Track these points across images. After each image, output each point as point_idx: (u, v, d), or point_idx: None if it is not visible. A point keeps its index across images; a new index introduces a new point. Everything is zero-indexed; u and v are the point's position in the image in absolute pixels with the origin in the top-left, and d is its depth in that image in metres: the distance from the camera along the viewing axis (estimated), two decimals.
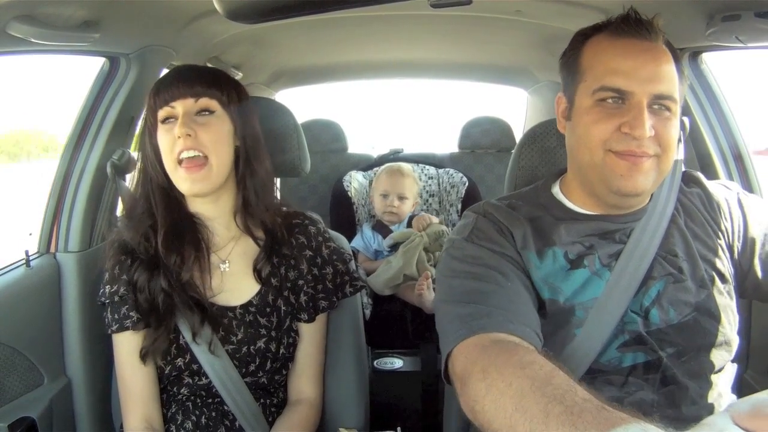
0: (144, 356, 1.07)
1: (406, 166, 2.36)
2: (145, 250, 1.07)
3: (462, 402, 0.73)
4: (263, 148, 1.12)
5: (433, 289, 1.93)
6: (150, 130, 1.08)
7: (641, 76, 0.88)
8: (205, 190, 1.06)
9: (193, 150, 1.03)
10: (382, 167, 2.39)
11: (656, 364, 0.90)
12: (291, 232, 1.15)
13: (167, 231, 1.07)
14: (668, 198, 0.98)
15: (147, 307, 1.06)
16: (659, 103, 0.89)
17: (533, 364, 0.67)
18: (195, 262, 1.08)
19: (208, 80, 1.06)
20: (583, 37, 0.96)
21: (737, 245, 0.99)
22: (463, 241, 0.95)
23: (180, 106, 1.04)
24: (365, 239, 2.27)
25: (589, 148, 0.91)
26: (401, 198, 2.26)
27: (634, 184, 0.90)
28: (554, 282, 0.93)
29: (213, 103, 1.05)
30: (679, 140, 1.17)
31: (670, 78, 0.90)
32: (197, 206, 1.11)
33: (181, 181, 1.05)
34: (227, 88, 1.07)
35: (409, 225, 2.28)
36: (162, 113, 1.05)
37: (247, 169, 1.10)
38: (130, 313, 1.07)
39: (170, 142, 1.03)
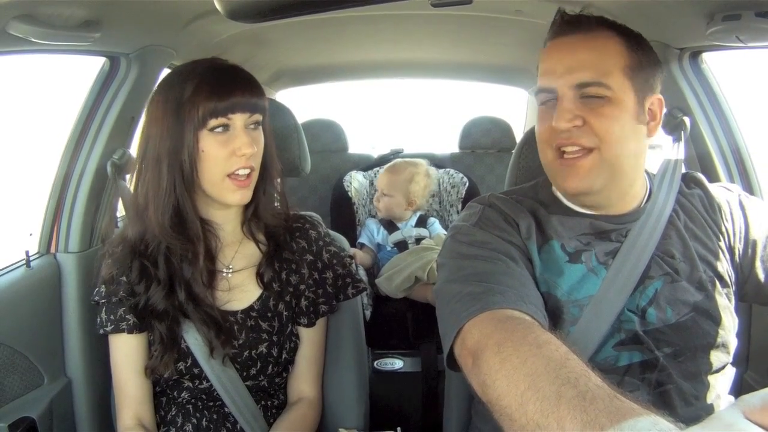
0: (150, 374, 1.06)
1: (405, 165, 2.34)
2: (155, 263, 1.04)
3: (473, 376, 0.71)
4: (275, 153, 1.12)
5: None
6: (180, 133, 0.98)
7: (558, 71, 0.90)
8: (247, 201, 1.05)
9: (250, 168, 1.02)
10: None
11: (652, 364, 0.90)
12: (292, 236, 1.15)
13: (184, 243, 1.04)
14: (667, 199, 0.98)
15: (160, 332, 1.04)
16: (587, 93, 0.89)
17: (549, 343, 0.66)
18: (204, 271, 1.06)
19: (260, 92, 1.03)
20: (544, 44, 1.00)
21: (738, 247, 0.98)
22: (471, 227, 0.95)
23: (239, 120, 1.00)
24: (369, 231, 2.29)
25: (541, 149, 0.96)
26: (385, 195, 2.28)
27: (574, 185, 0.92)
28: (551, 277, 0.93)
29: (259, 117, 1.03)
30: (680, 139, 1.17)
31: (593, 64, 0.89)
32: (211, 213, 1.08)
33: (230, 192, 1.01)
34: (265, 99, 1.05)
35: (418, 225, 2.28)
36: (215, 122, 0.98)
37: (267, 176, 1.09)
38: (127, 316, 1.06)
39: (225, 156, 0.99)
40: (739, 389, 1.10)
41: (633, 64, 0.91)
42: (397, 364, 2.05)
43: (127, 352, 1.07)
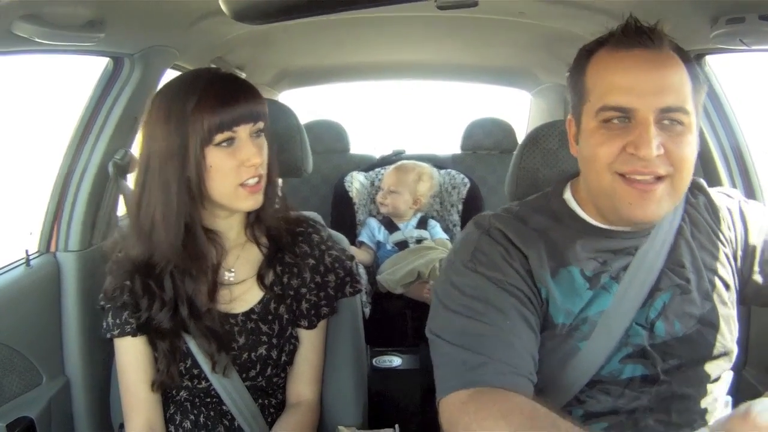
0: (158, 388, 1.07)
1: (413, 165, 2.37)
2: (161, 284, 1.04)
3: None
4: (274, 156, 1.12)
5: None
6: (185, 150, 0.97)
7: (644, 89, 0.82)
8: (260, 205, 1.05)
9: (259, 176, 1.02)
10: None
11: (654, 378, 0.89)
12: (295, 240, 1.14)
13: (194, 261, 1.03)
14: (677, 209, 0.96)
15: (162, 348, 1.05)
16: (669, 117, 0.83)
17: (512, 412, 0.70)
18: (206, 280, 1.06)
19: (261, 100, 1.03)
20: (586, 53, 0.90)
21: (739, 254, 0.97)
22: (464, 267, 0.90)
23: (243, 131, 0.99)
24: (370, 229, 2.31)
25: (596, 171, 0.87)
26: (392, 192, 2.31)
27: (644, 213, 0.85)
28: (571, 307, 0.89)
29: (262, 125, 1.03)
30: None
31: (678, 88, 0.83)
32: (215, 223, 1.08)
33: (243, 200, 1.01)
34: (265, 105, 1.05)
35: (419, 226, 2.29)
36: (221, 137, 0.97)
37: (270, 179, 1.09)
38: (130, 320, 1.06)
39: (234, 167, 0.99)
40: (737, 386, 1.09)
41: (693, 88, 0.85)
42: (395, 361, 2.06)
43: (135, 354, 1.07)
